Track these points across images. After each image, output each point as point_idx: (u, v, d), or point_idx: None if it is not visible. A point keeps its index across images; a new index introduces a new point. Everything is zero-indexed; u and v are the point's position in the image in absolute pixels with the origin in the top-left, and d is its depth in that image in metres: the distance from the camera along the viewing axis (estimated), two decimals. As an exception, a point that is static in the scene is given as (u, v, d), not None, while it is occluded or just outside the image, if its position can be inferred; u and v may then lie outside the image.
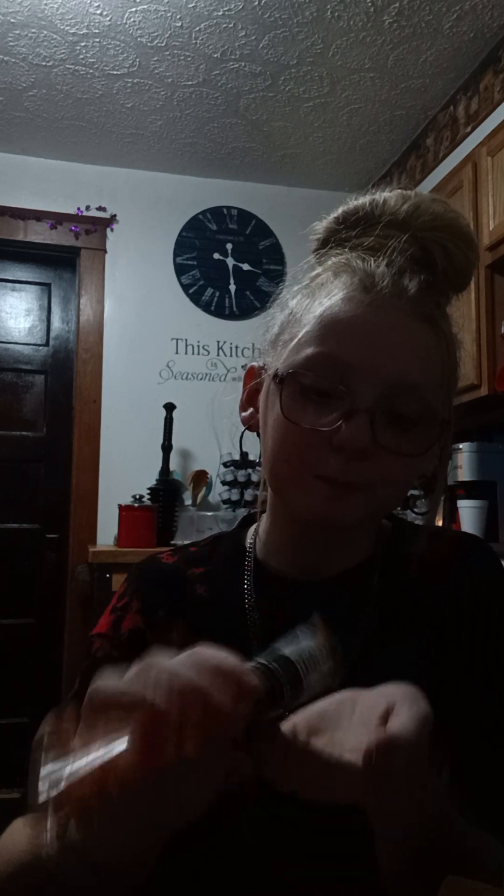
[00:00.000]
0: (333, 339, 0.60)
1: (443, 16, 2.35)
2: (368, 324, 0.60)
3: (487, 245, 2.23)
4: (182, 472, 3.18)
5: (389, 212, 0.64)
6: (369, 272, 0.62)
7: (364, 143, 3.11)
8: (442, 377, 0.62)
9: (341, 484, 0.59)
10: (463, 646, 0.65)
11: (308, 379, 0.60)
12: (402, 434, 0.60)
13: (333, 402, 0.59)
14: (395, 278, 0.61)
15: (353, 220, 0.66)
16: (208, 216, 3.41)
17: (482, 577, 0.69)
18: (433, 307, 0.62)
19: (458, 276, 0.65)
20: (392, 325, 0.60)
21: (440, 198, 0.66)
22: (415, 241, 0.63)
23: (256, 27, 2.40)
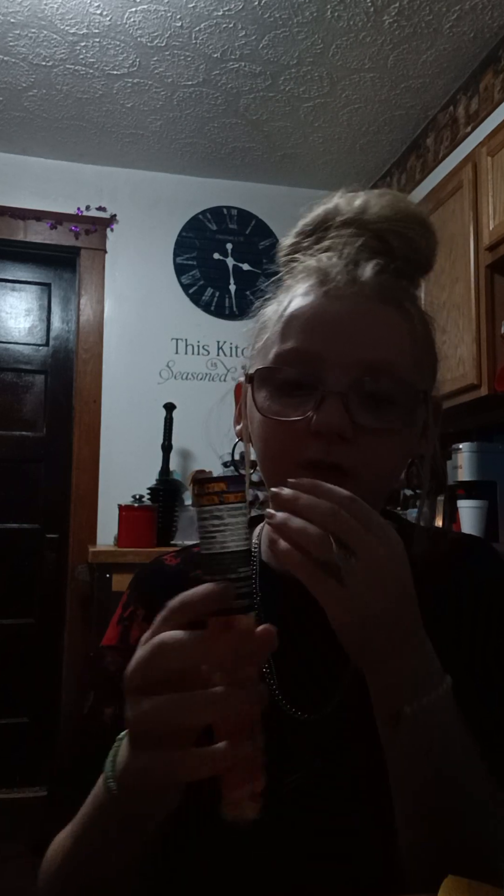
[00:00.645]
0: (297, 333, 0.62)
1: (443, 16, 2.35)
2: (328, 313, 0.62)
3: (487, 245, 2.23)
4: (182, 472, 3.18)
5: (341, 213, 0.67)
6: (323, 267, 0.64)
7: (364, 143, 3.11)
8: (413, 353, 0.64)
9: (326, 467, 0.60)
10: (464, 645, 0.65)
11: (279, 375, 0.63)
12: (380, 412, 0.61)
13: (308, 393, 0.61)
14: (348, 268, 0.63)
15: (310, 230, 0.69)
16: (208, 216, 3.41)
17: (483, 577, 0.69)
18: (394, 288, 0.64)
19: (419, 257, 0.68)
20: (351, 310, 0.62)
21: (389, 192, 0.68)
22: (367, 231, 0.65)
23: (256, 27, 2.40)
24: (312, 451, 0.60)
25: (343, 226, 0.66)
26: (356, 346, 0.61)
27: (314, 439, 0.60)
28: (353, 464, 0.60)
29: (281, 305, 0.66)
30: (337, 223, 0.67)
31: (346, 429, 0.59)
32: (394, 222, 0.65)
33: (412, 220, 0.66)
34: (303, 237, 0.70)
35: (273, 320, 0.66)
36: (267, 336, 0.66)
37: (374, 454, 0.61)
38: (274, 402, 0.63)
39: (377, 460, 0.62)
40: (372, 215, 0.65)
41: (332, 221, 0.67)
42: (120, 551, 2.66)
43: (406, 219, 0.66)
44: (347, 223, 0.66)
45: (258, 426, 0.65)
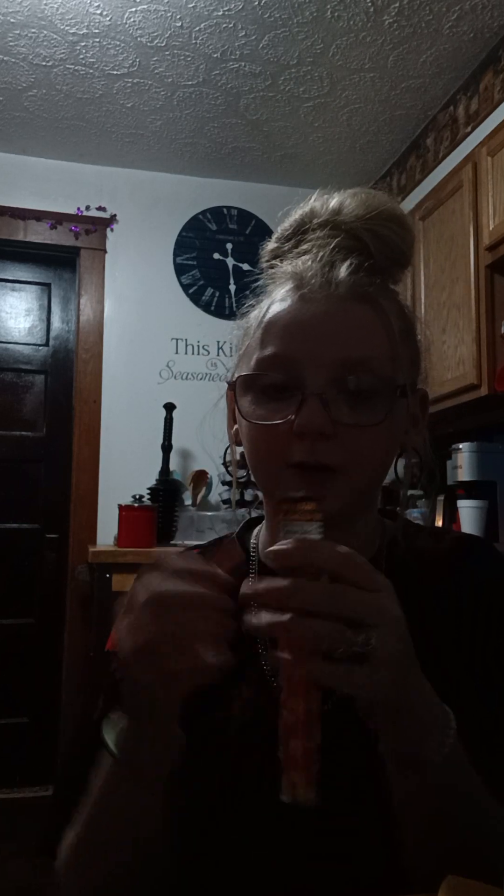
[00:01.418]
0: (275, 338, 0.64)
1: (443, 16, 2.35)
2: (303, 316, 0.64)
3: (487, 245, 2.23)
4: (182, 472, 3.18)
5: (317, 215, 0.69)
6: (298, 271, 0.66)
7: (364, 143, 3.11)
8: (390, 348, 0.65)
9: (312, 467, 0.61)
10: (464, 645, 0.65)
11: (260, 380, 0.64)
12: (360, 408, 0.62)
13: (288, 394, 0.63)
14: (323, 270, 0.65)
15: (289, 235, 0.71)
16: (208, 216, 3.41)
17: (483, 577, 0.69)
18: (367, 286, 0.65)
19: (394, 253, 0.68)
20: (324, 311, 0.63)
21: (364, 190, 0.69)
22: (341, 231, 0.67)
23: (256, 27, 2.40)
24: (297, 453, 0.61)
25: (319, 228, 0.68)
26: (331, 346, 0.62)
27: (298, 441, 0.61)
28: (339, 461, 0.61)
29: (261, 311, 0.68)
30: (314, 226, 0.69)
31: (327, 427, 0.60)
32: (367, 220, 0.66)
33: (386, 218, 0.67)
34: (283, 242, 0.72)
35: (253, 326, 0.68)
36: (248, 342, 0.69)
37: (357, 449, 0.62)
38: (258, 406, 0.65)
39: (362, 455, 0.63)
40: (346, 215, 0.67)
41: (309, 224, 0.69)
42: (120, 551, 2.66)
43: (379, 216, 0.67)
44: (323, 225, 0.68)
45: (245, 430, 0.67)
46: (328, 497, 0.62)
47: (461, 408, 2.41)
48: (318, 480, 0.62)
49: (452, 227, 2.42)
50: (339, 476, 0.62)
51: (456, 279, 2.39)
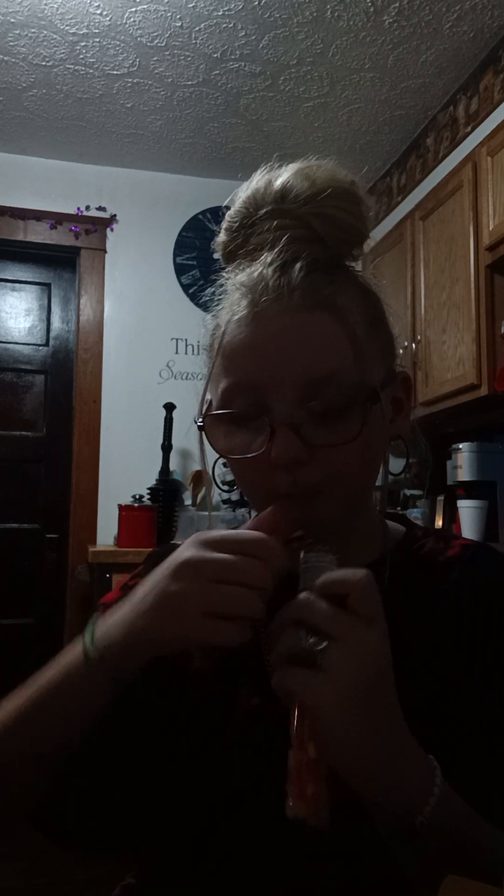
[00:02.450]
0: (235, 366, 0.62)
1: (443, 16, 2.35)
2: (261, 339, 0.60)
3: (487, 245, 2.23)
4: (182, 472, 3.18)
5: (262, 203, 0.64)
6: (250, 284, 0.62)
7: (364, 143, 3.11)
8: (356, 351, 0.61)
9: (296, 496, 0.60)
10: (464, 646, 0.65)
11: (226, 416, 0.62)
12: (335, 424, 0.60)
13: (259, 423, 0.60)
14: (276, 279, 0.60)
15: (236, 228, 0.67)
16: (208, 216, 3.41)
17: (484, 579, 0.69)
18: (325, 285, 0.61)
19: (350, 234, 0.64)
20: (282, 329, 0.60)
21: (307, 164, 0.65)
22: (291, 221, 0.62)
23: (256, 27, 2.40)
24: (279, 483, 0.60)
25: (267, 217, 0.63)
26: (292, 369, 0.59)
27: (277, 471, 0.59)
28: (321, 481, 0.60)
29: (219, 330, 0.64)
30: (260, 216, 0.64)
31: (301, 454, 0.58)
32: (315, 203, 0.61)
33: (337, 196, 0.62)
34: (233, 234, 0.67)
35: (215, 347, 0.65)
36: (211, 365, 0.66)
37: (339, 466, 0.60)
38: (232, 439, 0.62)
39: (344, 470, 0.61)
40: (292, 201, 0.62)
41: (255, 214, 0.64)
42: (120, 551, 2.66)
43: (328, 196, 0.61)
44: (270, 215, 0.63)
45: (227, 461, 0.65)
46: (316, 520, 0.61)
47: (461, 408, 2.41)
48: (303, 506, 0.60)
49: (452, 227, 2.42)
50: (326, 495, 0.61)
51: (456, 279, 2.39)
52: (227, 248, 0.68)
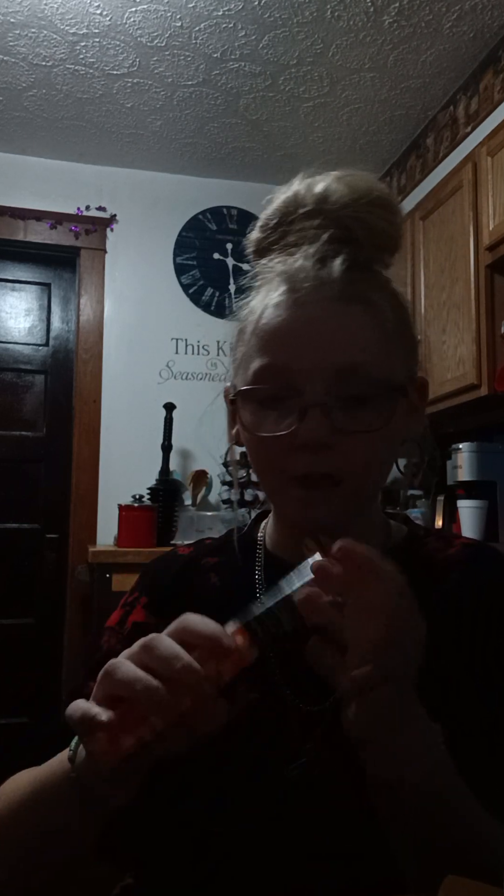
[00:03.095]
0: (271, 348, 0.63)
1: (443, 16, 2.35)
2: (298, 324, 0.62)
3: (487, 245, 2.23)
4: (182, 472, 3.18)
5: (301, 204, 0.66)
6: (290, 272, 0.64)
7: (364, 143, 3.11)
8: (387, 346, 0.64)
9: (317, 479, 0.61)
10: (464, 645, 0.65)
11: (260, 392, 0.64)
12: (360, 413, 0.62)
13: (289, 405, 0.62)
14: (316, 269, 0.63)
15: (275, 224, 0.69)
16: (208, 216, 3.41)
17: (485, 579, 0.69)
18: (360, 282, 0.64)
19: (384, 240, 0.67)
20: (320, 316, 0.62)
21: (348, 172, 0.67)
22: (330, 223, 0.64)
23: (256, 27, 2.40)
24: (301, 464, 0.61)
25: (306, 217, 0.65)
26: (328, 354, 0.61)
27: (301, 452, 0.61)
28: (342, 469, 0.61)
29: (253, 314, 0.66)
30: (299, 215, 0.66)
31: (328, 437, 0.60)
32: (355, 208, 0.64)
33: (374, 203, 0.65)
34: (269, 231, 0.69)
35: (248, 331, 0.67)
36: (243, 348, 0.67)
37: (361, 455, 0.62)
38: (258, 417, 0.64)
39: (365, 460, 0.63)
40: (333, 203, 0.64)
41: (295, 214, 0.66)
42: (120, 551, 2.66)
43: (368, 203, 0.64)
44: (310, 214, 0.65)
45: (248, 441, 0.66)
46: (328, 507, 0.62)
47: (461, 408, 2.41)
48: (318, 492, 0.62)
49: (452, 227, 2.42)
50: (343, 483, 0.62)
51: (456, 279, 2.39)
52: (260, 244, 0.71)
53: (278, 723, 0.63)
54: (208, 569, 0.75)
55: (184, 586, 0.74)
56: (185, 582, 0.74)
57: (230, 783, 0.61)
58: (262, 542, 0.76)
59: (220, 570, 0.75)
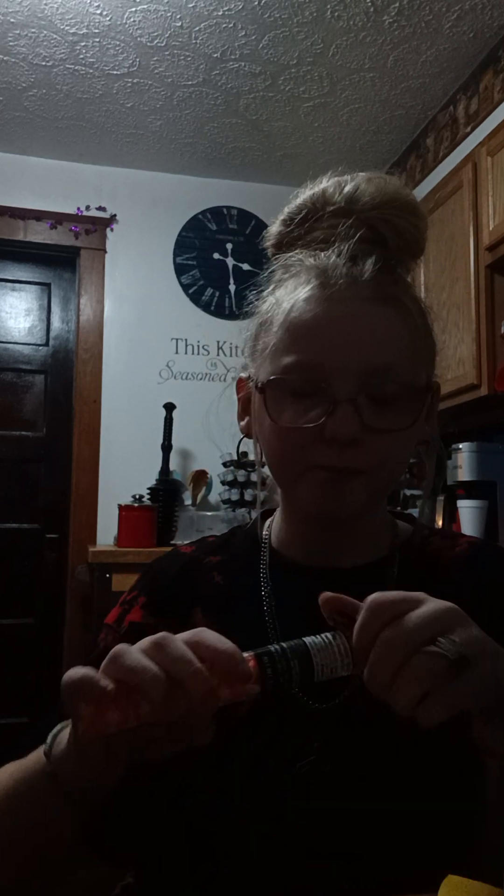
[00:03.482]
0: (303, 344, 0.63)
1: (443, 16, 2.35)
2: (332, 321, 0.63)
3: (487, 245, 2.23)
4: (182, 472, 3.18)
5: (330, 202, 0.66)
6: (322, 267, 0.64)
7: (364, 143, 3.11)
8: (414, 348, 0.65)
9: (338, 471, 0.62)
10: None
11: (289, 384, 0.63)
12: (387, 412, 0.63)
13: (317, 399, 0.62)
14: (348, 267, 0.63)
15: (300, 219, 0.69)
16: (208, 216, 3.41)
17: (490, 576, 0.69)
18: (391, 284, 0.64)
19: (410, 245, 0.67)
20: (354, 315, 0.63)
21: (376, 174, 0.67)
22: (360, 223, 0.65)
23: (256, 27, 2.39)
24: (327, 457, 0.62)
25: (334, 215, 0.66)
26: (361, 353, 0.62)
27: (327, 445, 0.61)
28: (364, 465, 0.62)
29: (281, 307, 0.66)
30: (328, 212, 0.66)
31: (358, 434, 0.61)
32: (384, 210, 0.65)
33: (402, 207, 0.66)
34: (292, 226, 0.69)
35: (276, 322, 0.66)
36: (270, 339, 0.66)
37: (384, 454, 0.63)
38: (285, 409, 0.64)
39: (388, 459, 0.64)
40: (364, 204, 0.65)
41: (323, 211, 0.67)
42: (120, 551, 2.66)
43: (397, 206, 0.65)
44: (339, 213, 0.66)
45: (269, 431, 0.66)
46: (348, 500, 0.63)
47: (461, 408, 2.41)
48: (340, 484, 0.62)
49: (452, 227, 2.42)
50: (363, 478, 0.63)
51: (456, 279, 2.39)
52: (282, 238, 0.71)
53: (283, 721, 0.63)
54: (211, 567, 0.75)
55: (185, 586, 0.73)
56: (187, 581, 0.74)
57: (232, 782, 0.61)
58: (267, 541, 0.75)
59: (223, 569, 0.74)
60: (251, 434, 0.71)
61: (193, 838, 0.62)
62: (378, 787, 0.60)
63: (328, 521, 0.66)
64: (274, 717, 0.63)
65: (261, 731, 0.63)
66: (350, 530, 0.69)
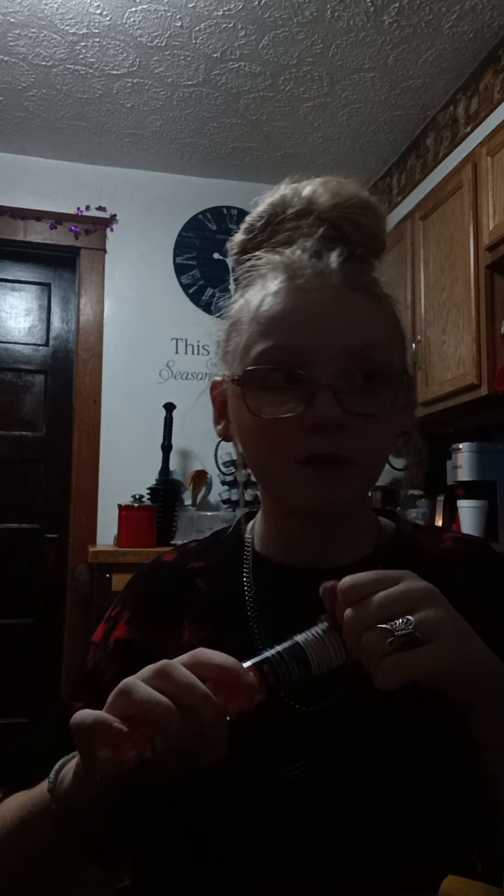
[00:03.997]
0: (276, 331, 0.63)
1: (443, 16, 2.35)
2: (304, 306, 0.62)
3: (487, 245, 2.23)
4: (182, 472, 3.18)
5: (290, 205, 0.67)
6: (288, 262, 0.64)
7: (364, 143, 3.11)
8: (390, 333, 0.65)
9: (324, 459, 0.61)
10: None
11: (265, 373, 0.63)
12: (369, 396, 0.62)
13: (295, 388, 0.61)
14: (313, 261, 0.63)
15: (261, 225, 0.69)
16: (208, 216, 3.41)
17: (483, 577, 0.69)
18: (359, 274, 0.64)
19: (372, 241, 0.67)
20: (325, 299, 0.62)
21: (333, 178, 0.68)
22: (321, 221, 0.65)
23: (256, 27, 2.39)
24: (310, 446, 0.60)
25: (295, 217, 0.66)
26: (337, 335, 0.61)
27: (310, 433, 0.60)
28: (351, 451, 0.61)
29: (250, 304, 0.65)
30: (288, 216, 0.67)
31: (341, 418, 0.60)
32: (344, 209, 0.65)
33: (361, 206, 0.66)
34: (254, 232, 0.70)
35: (245, 321, 0.66)
36: (241, 337, 0.66)
37: (369, 438, 0.62)
38: (263, 401, 0.63)
39: (372, 444, 0.63)
40: (322, 204, 0.65)
41: (283, 214, 0.67)
42: (120, 551, 2.66)
43: (355, 205, 0.66)
44: (300, 214, 0.66)
45: (249, 426, 0.65)
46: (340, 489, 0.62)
47: (461, 408, 2.41)
48: (330, 473, 0.61)
49: (452, 227, 2.42)
50: (353, 466, 0.62)
51: (456, 279, 2.39)
52: (245, 246, 0.71)
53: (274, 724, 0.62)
54: (194, 574, 0.73)
55: (168, 596, 0.72)
56: (170, 591, 0.73)
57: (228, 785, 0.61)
58: (250, 544, 0.74)
59: (206, 575, 0.73)
60: (229, 437, 0.70)
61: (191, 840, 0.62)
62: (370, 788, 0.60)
63: (320, 517, 0.65)
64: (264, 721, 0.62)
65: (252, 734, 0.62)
66: (335, 529, 0.68)
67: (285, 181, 0.69)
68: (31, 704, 3.05)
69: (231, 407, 0.69)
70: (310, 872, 0.59)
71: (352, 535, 0.70)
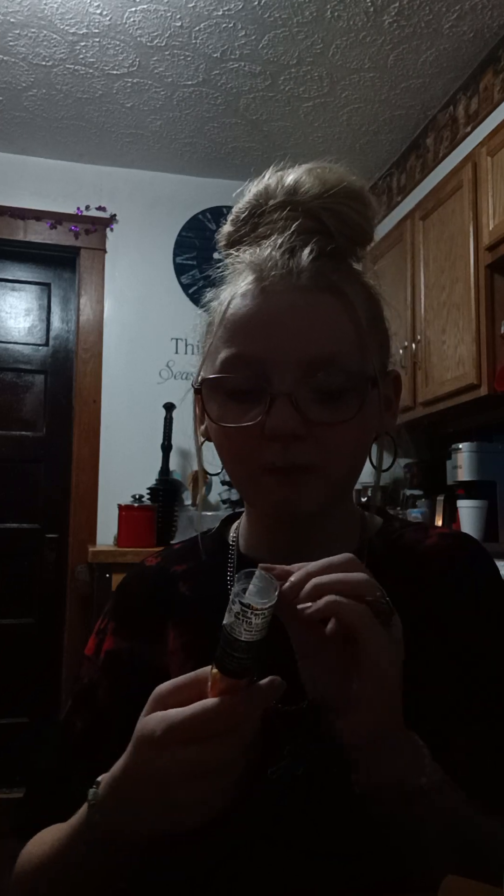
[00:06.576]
0: (239, 337, 0.62)
1: (443, 16, 2.35)
2: (266, 313, 0.61)
3: (487, 245, 2.23)
4: (182, 471, 3.18)
5: (272, 196, 0.66)
6: (258, 262, 0.63)
7: (364, 142, 3.11)
8: (357, 338, 0.62)
9: (286, 469, 0.60)
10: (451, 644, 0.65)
11: (226, 382, 0.62)
12: (330, 404, 0.61)
13: (257, 396, 0.61)
14: (284, 258, 0.62)
15: (245, 216, 0.68)
16: (208, 216, 3.41)
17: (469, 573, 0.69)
18: (331, 272, 0.63)
19: (355, 232, 0.66)
20: (289, 306, 0.61)
21: (320, 164, 0.66)
22: (300, 214, 0.64)
23: (256, 27, 2.39)
24: (270, 455, 0.60)
25: (276, 209, 0.65)
26: (297, 344, 0.60)
27: (270, 443, 0.60)
28: (313, 460, 0.60)
29: (222, 305, 0.65)
30: (270, 207, 0.65)
31: (298, 428, 0.59)
32: (325, 199, 0.63)
33: (345, 195, 0.64)
34: (240, 225, 0.69)
35: (216, 322, 0.65)
36: (211, 339, 0.66)
37: (331, 446, 0.61)
38: (225, 409, 0.63)
39: (336, 451, 0.62)
40: (303, 194, 0.64)
41: (265, 206, 0.66)
42: (120, 551, 2.66)
43: (337, 193, 0.63)
44: (280, 206, 0.65)
45: (216, 432, 0.65)
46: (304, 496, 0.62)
47: (461, 408, 2.41)
48: (292, 481, 0.61)
49: (452, 227, 2.42)
50: (315, 474, 0.61)
51: (456, 279, 2.39)
52: (231, 238, 0.70)
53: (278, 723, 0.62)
54: (177, 577, 0.73)
55: (152, 602, 0.72)
56: (154, 597, 0.73)
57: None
58: (234, 545, 0.74)
59: (190, 578, 0.73)
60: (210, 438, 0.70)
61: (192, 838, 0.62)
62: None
63: (287, 520, 0.65)
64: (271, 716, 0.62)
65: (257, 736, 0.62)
66: (314, 528, 0.68)
67: (271, 168, 0.68)
68: (31, 704, 3.05)
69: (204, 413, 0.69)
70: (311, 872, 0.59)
71: (333, 534, 0.69)
